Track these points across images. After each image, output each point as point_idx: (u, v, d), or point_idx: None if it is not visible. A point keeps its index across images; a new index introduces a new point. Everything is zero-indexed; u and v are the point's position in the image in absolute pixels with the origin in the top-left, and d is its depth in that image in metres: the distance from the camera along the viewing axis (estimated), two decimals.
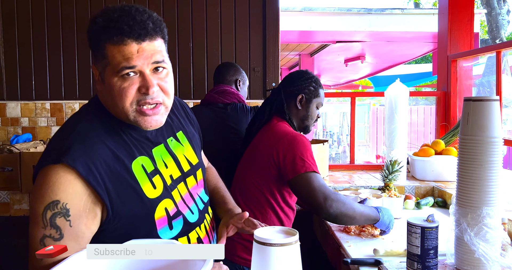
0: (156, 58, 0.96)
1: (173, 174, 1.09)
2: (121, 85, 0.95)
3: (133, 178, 0.98)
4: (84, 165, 0.91)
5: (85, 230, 0.92)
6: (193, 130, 1.25)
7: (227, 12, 2.85)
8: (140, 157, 1.02)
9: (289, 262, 0.80)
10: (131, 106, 0.97)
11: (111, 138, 0.99)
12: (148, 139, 1.06)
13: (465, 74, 2.91)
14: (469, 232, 1.16)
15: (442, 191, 2.24)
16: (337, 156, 7.11)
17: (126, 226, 0.97)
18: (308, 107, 1.79)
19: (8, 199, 2.26)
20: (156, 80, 0.97)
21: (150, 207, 1.00)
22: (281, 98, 1.78)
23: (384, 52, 7.12)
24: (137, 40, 0.94)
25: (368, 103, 10.64)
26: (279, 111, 1.78)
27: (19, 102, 2.83)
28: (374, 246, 1.48)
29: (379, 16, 4.92)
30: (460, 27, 2.90)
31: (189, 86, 2.87)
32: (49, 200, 0.89)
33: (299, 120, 1.80)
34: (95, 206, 0.93)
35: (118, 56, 0.93)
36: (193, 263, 0.83)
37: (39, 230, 0.89)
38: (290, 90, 1.78)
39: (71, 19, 2.82)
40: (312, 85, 1.79)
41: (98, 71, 1.00)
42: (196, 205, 1.14)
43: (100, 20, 0.95)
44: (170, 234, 1.04)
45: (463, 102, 1.21)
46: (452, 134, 2.66)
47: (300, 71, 1.86)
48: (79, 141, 0.95)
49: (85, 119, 1.02)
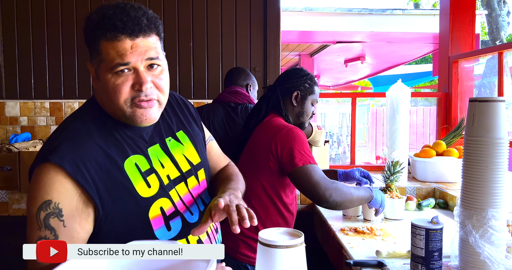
0: (150, 55, 0.96)
1: (170, 174, 1.07)
2: (115, 82, 0.94)
3: (125, 176, 0.97)
4: (72, 163, 0.90)
5: (80, 230, 0.92)
6: (197, 129, 1.23)
7: (228, 12, 2.84)
8: (134, 155, 1.00)
9: (294, 264, 0.79)
10: (126, 103, 0.96)
11: (103, 137, 0.98)
12: (143, 138, 1.05)
13: (466, 75, 2.90)
14: (474, 234, 1.15)
15: (443, 192, 2.23)
16: (337, 157, 7.10)
17: (120, 225, 0.96)
18: (303, 104, 1.82)
19: (7, 198, 2.25)
20: (150, 77, 0.96)
21: (144, 206, 0.98)
22: (277, 95, 1.82)
23: (384, 53, 7.11)
24: (130, 36, 0.93)
25: (368, 103, 10.65)
26: (275, 107, 1.82)
27: (18, 101, 2.82)
28: (376, 248, 1.47)
29: (380, 17, 4.91)
30: (461, 28, 2.89)
31: (190, 85, 2.86)
32: (41, 200, 0.89)
33: (295, 116, 1.83)
34: (87, 205, 0.93)
35: (112, 52, 0.93)
36: (196, 264, 0.81)
37: (35, 231, 0.89)
38: (286, 87, 1.82)
39: (70, 18, 2.81)
40: (307, 82, 1.82)
41: (94, 68, 0.99)
42: (197, 206, 1.12)
43: (94, 17, 0.95)
44: (168, 235, 1.02)
45: (469, 103, 1.20)
46: (453, 135, 2.65)
47: (295, 69, 1.88)
48: (69, 139, 0.95)
49: (78, 119, 1.02)
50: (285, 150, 1.61)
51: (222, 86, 2.85)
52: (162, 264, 0.86)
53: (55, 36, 2.81)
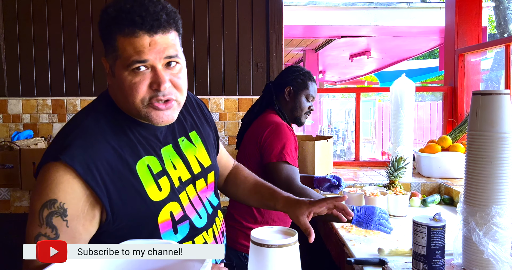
0: (169, 53, 0.91)
1: (182, 176, 1.04)
2: (132, 80, 0.90)
3: (137, 179, 0.94)
4: (83, 164, 0.87)
5: (82, 231, 0.89)
6: (209, 130, 1.19)
7: (230, 6, 2.80)
8: (147, 157, 0.97)
9: (287, 264, 0.76)
10: (142, 102, 0.92)
11: (116, 137, 0.95)
12: (157, 138, 1.01)
13: (472, 69, 2.85)
14: (478, 232, 1.11)
15: (449, 188, 2.19)
16: (342, 153, 7.07)
17: (127, 227, 0.94)
18: (296, 98, 1.85)
19: (9, 196, 2.25)
20: (168, 75, 0.92)
21: (154, 210, 0.96)
22: (271, 91, 1.87)
23: (389, 47, 7.03)
24: (149, 32, 0.89)
25: (374, 99, 10.56)
26: (270, 103, 1.86)
27: (21, 98, 2.81)
28: (379, 245, 1.44)
29: (385, 10, 4.84)
30: (467, 21, 2.84)
31: (192, 81, 2.83)
32: (46, 198, 0.86)
33: (289, 111, 1.86)
34: (94, 207, 0.90)
35: (129, 49, 0.89)
36: (192, 265, 0.79)
37: (35, 227, 0.86)
38: (278, 83, 1.88)
39: (72, 15, 2.79)
40: (300, 77, 1.85)
41: (109, 64, 0.95)
42: (205, 209, 1.09)
43: (111, 10, 0.91)
44: (175, 239, 1.00)
45: (472, 96, 1.17)
46: (459, 130, 2.60)
47: (289, 67, 1.94)
48: (81, 138, 0.91)
49: (90, 116, 0.97)
50: (267, 142, 1.66)
51: (224, 82, 2.83)
52: (157, 264, 0.85)
53: (56, 33, 2.80)
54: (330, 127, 8.69)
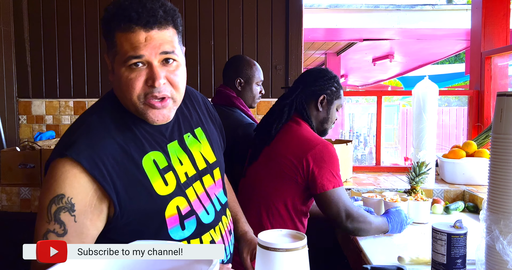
0: (165, 48, 0.92)
1: (188, 172, 1.04)
2: (128, 76, 0.92)
3: (143, 173, 0.94)
4: (89, 159, 0.88)
5: (90, 226, 0.90)
6: (213, 128, 1.20)
7: (249, 9, 2.80)
8: (152, 152, 0.98)
9: (295, 268, 0.73)
10: (139, 99, 0.93)
11: (121, 133, 0.96)
12: (163, 134, 1.02)
13: (500, 72, 2.75)
14: (502, 241, 1.05)
15: (473, 195, 2.11)
16: (363, 158, 6.96)
17: (135, 223, 0.94)
18: (329, 109, 1.68)
19: (30, 195, 2.29)
20: (164, 72, 0.93)
21: (161, 204, 0.96)
22: (301, 98, 1.65)
23: (414, 51, 6.89)
24: (145, 28, 0.90)
25: (398, 104, 10.37)
26: (300, 112, 1.65)
27: (44, 100, 2.88)
28: (398, 253, 1.38)
29: (408, 13, 4.75)
30: (494, 23, 2.74)
31: (211, 84, 2.83)
32: (54, 193, 0.87)
33: (318, 122, 1.69)
34: (101, 202, 0.90)
35: (126, 44, 0.90)
36: (199, 268, 0.78)
37: (44, 224, 0.87)
38: (312, 90, 1.66)
39: (94, 18, 2.84)
40: (334, 85, 1.67)
41: (110, 60, 0.97)
42: (213, 205, 1.09)
43: (111, 8, 0.93)
44: (182, 235, 0.99)
45: (496, 98, 1.11)
46: (485, 135, 2.51)
47: (321, 69, 1.73)
48: (86, 135, 0.93)
49: (95, 114, 0.99)
50: (318, 170, 1.50)
51: None
52: (164, 266, 0.83)
53: (79, 36, 2.85)
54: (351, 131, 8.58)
